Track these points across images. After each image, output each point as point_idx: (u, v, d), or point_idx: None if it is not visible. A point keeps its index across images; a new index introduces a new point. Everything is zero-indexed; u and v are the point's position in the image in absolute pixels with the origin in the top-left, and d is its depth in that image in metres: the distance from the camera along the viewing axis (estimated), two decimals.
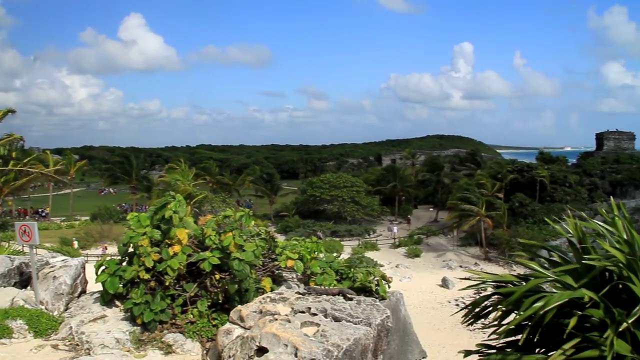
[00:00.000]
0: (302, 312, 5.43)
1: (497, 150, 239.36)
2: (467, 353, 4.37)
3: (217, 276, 6.38)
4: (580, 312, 3.75)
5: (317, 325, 5.08)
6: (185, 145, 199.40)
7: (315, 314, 5.33)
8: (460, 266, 48.07)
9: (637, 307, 3.53)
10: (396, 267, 48.17)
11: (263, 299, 5.87)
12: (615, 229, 4.25)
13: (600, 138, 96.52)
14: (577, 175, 74.15)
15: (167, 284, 6.23)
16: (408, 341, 7.24)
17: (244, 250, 6.14)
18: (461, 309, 4.65)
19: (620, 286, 3.91)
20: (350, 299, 5.89)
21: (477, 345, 4.34)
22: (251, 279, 6.34)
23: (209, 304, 6.45)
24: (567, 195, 66.17)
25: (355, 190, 68.14)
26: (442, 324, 30.95)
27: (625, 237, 4.11)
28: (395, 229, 64.88)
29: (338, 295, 5.97)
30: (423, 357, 7.57)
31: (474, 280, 4.52)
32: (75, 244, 49.02)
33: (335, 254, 9.27)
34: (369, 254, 50.31)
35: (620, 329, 3.51)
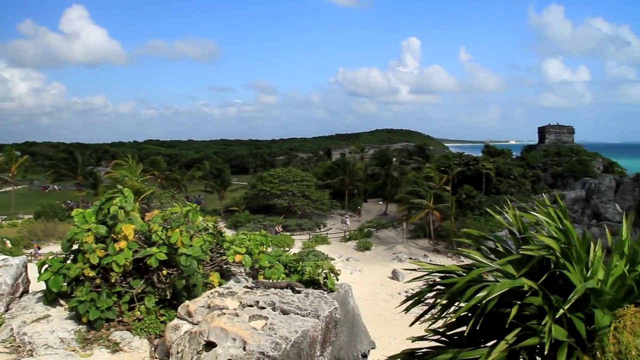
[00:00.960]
0: (251, 305, 5.43)
1: (445, 144, 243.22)
2: (414, 340, 4.48)
3: (165, 272, 6.31)
4: (519, 302, 3.87)
5: (266, 318, 5.10)
6: (132, 141, 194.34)
7: (263, 308, 5.35)
8: (410, 258, 48.67)
9: (572, 293, 3.67)
10: (347, 260, 48.44)
11: (211, 293, 5.85)
12: (552, 219, 4.41)
13: (542, 132, 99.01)
14: (521, 167, 76.41)
15: (113, 280, 6.13)
16: (357, 332, 7.33)
17: (191, 246, 6.09)
18: (405, 301, 4.74)
19: (557, 273, 4.06)
20: (299, 292, 5.93)
21: (426, 330, 4.44)
22: (199, 274, 6.30)
23: (157, 300, 6.37)
24: (511, 187, 67.98)
25: (305, 185, 68.10)
26: (393, 315, 31.32)
27: (561, 227, 4.27)
28: (348, 221, 65.85)
29: (286, 288, 6.00)
30: (372, 348, 7.68)
31: (421, 272, 4.61)
32: (8, 244, 47.15)
33: (285, 249, 9.29)
34: (320, 248, 50.41)
35: (558, 316, 3.64)
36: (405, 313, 4.66)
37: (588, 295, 3.84)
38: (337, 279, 6.92)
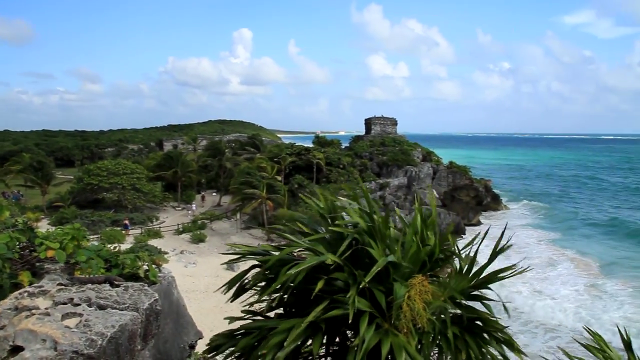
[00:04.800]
0: (64, 303, 5.14)
1: (278, 135, 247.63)
2: (232, 319, 4.58)
3: None
4: (325, 276, 4.13)
5: (80, 315, 4.86)
6: None
7: (78, 305, 5.09)
8: None
9: (374, 267, 4.00)
10: (181, 253, 47.69)
11: (20, 294, 5.44)
12: (359, 202, 4.74)
13: (368, 123, 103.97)
14: (349, 157, 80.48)
15: None
16: (183, 323, 7.24)
17: None
18: (223, 286, 4.82)
19: (365, 251, 4.38)
20: (118, 286, 5.72)
21: (242, 311, 4.55)
22: (5, 274, 5.84)
23: None
24: (341, 176, 71.02)
25: (136, 177, 65.82)
26: (229, 305, 31.33)
27: (367, 209, 4.61)
28: (194, 206, 67.20)
29: (104, 282, 5.76)
30: (199, 338, 7.64)
31: (236, 254, 4.71)
32: None
33: (113, 244, 8.87)
34: (153, 242, 49.11)
35: (360, 288, 3.95)
36: (224, 293, 4.77)
37: (389, 270, 4.21)
38: (160, 271, 6.78)
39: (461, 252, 4.68)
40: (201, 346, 8.11)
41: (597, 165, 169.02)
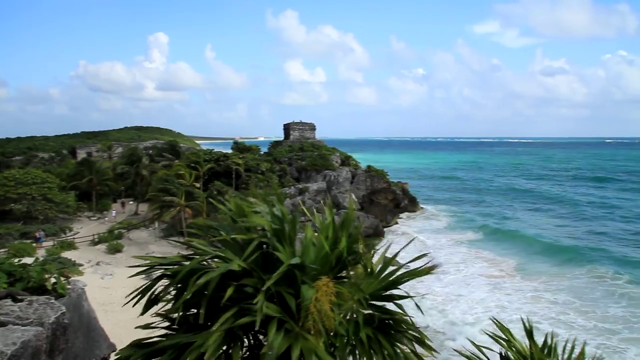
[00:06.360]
0: None
1: (196, 141, 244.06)
2: (145, 327, 4.50)
3: None
4: (235, 283, 4.10)
5: None
6: None
7: None
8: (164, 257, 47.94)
9: (277, 271, 4.01)
10: (97, 264, 45.98)
11: None
12: (269, 206, 4.75)
13: (287, 128, 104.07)
14: (268, 162, 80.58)
15: None
16: (94, 336, 7.02)
17: None
18: (130, 298, 4.71)
19: (275, 256, 4.39)
20: (21, 300, 5.47)
21: (153, 314, 4.48)
22: None
23: None
24: (260, 181, 70.78)
25: (47, 187, 63.03)
26: (148, 318, 30.51)
27: (275, 212, 4.63)
28: (113, 213, 66.03)
29: (6, 297, 5.49)
30: (112, 351, 7.41)
31: (144, 266, 4.61)
32: None
33: (19, 258, 8.45)
34: (67, 254, 47.11)
35: (268, 293, 3.95)
36: (133, 306, 4.67)
37: (297, 273, 4.23)
38: (69, 283, 6.54)
39: (374, 253, 4.77)
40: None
41: (499, 168, 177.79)
